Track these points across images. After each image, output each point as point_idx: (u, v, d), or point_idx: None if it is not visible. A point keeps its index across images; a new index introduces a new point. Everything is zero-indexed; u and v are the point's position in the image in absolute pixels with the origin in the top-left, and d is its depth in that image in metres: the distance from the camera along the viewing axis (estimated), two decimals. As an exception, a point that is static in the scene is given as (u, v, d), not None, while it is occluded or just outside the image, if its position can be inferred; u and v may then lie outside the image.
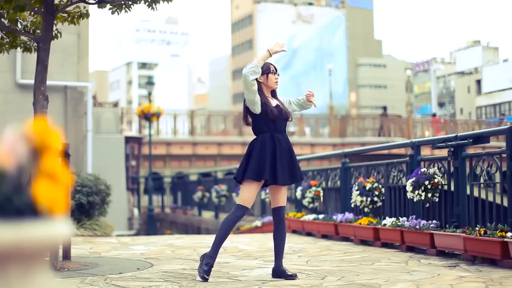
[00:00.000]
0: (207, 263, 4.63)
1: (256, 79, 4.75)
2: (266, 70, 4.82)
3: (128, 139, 18.93)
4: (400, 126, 32.61)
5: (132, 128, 27.49)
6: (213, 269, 4.73)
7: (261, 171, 4.63)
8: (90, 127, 13.11)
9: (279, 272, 4.77)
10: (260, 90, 4.78)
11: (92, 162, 12.85)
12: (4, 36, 6.28)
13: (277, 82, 4.88)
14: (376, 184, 7.48)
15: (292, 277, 4.70)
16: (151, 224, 19.34)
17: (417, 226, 6.32)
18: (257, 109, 4.72)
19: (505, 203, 5.42)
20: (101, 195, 9.81)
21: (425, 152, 13.16)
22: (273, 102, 4.83)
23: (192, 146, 29.53)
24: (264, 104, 4.73)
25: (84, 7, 6.44)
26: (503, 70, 59.74)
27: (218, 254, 4.76)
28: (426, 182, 6.17)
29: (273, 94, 4.94)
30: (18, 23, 6.15)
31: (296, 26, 73.02)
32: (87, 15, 6.40)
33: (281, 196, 4.85)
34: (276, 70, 4.90)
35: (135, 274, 5.02)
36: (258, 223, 11.61)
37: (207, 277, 4.60)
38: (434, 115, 39.81)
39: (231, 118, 32.67)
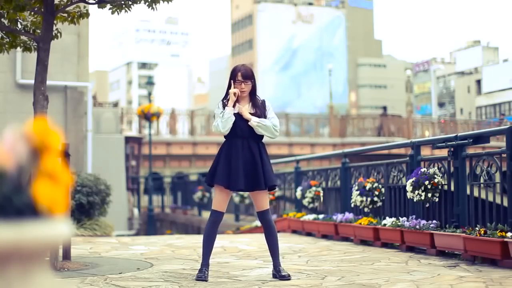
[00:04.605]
0: (203, 272, 4.62)
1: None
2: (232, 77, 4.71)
3: (128, 139, 18.93)
4: (400, 126, 32.63)
5: (132, 128, 27.50)
6: (213, 269, 4.73)
7: (215, 175, 4.64)
8: (90, 127, 13.10)
9: (274, 272, 4.76)
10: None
11: (92, 162, 12.85)
12: (4, 36, 6.28)
13: (243, 90, 4.69)
14: (376, 184, 7.48)
15: (286, 277, 4.65)
16: (151, 224, 19.34)
17: (417, 226, 6.32)
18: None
19: (505, 203, 5.42)
20: (101, 195, 9.81)
21: (425, 152, 13.16)
22: (239, 108, 4.69)
23: (192, 146, 29.54)
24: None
25: (84, 7, 6.44)
26: (503, 70, 59.72)
27: (218, 254, 4.76)
28: (426, 182, 6.17)
29: (252, 98, 4.77)
30: (18, 23, 6.15)
31: (296, 26, 72.97)
32: (87, 15, 6.40)
33: (261, 200, 4.75)
34: (244, 78, 4.67)
35: (135, 274, 5.01)
36: (258, 223, 11.60)
37: (206, 279, 4.59)
38: None
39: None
